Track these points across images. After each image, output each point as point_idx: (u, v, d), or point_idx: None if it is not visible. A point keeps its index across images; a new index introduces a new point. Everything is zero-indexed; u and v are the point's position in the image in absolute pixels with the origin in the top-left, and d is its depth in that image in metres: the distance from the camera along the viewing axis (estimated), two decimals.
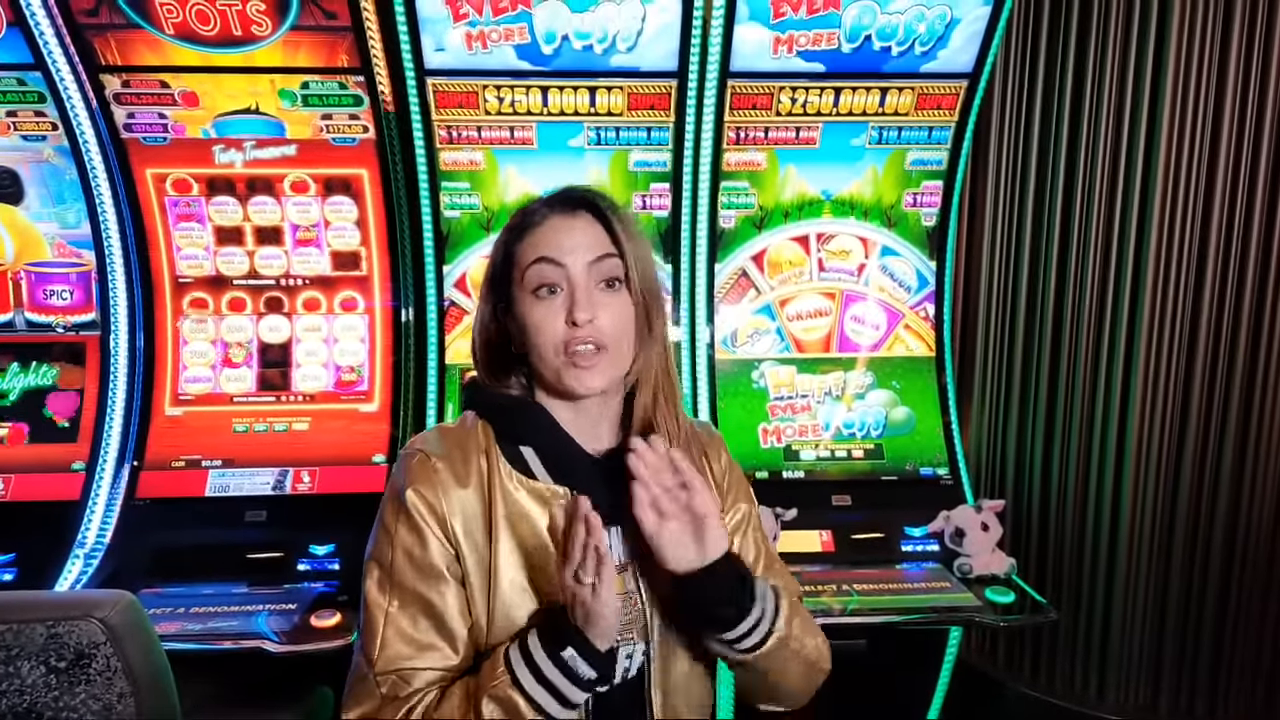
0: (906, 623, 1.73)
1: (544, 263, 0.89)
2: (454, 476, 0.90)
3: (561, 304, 0.89)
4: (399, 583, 0.88)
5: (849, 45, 1.92)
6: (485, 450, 0.92)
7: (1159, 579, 2.27)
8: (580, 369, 0.89)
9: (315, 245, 2.07)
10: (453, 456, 0.91)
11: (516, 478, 0.92)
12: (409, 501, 0.88)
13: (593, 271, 0.90)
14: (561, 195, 0.95)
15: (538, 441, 0.94)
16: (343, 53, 1.87)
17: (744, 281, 2.17)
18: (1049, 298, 2.27)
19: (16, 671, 1.22)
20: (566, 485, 0.92)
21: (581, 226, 0.91)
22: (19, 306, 2.05)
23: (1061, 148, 2.21)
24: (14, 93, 1.90)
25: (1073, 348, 2.27)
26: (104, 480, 1.97)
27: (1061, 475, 2.31)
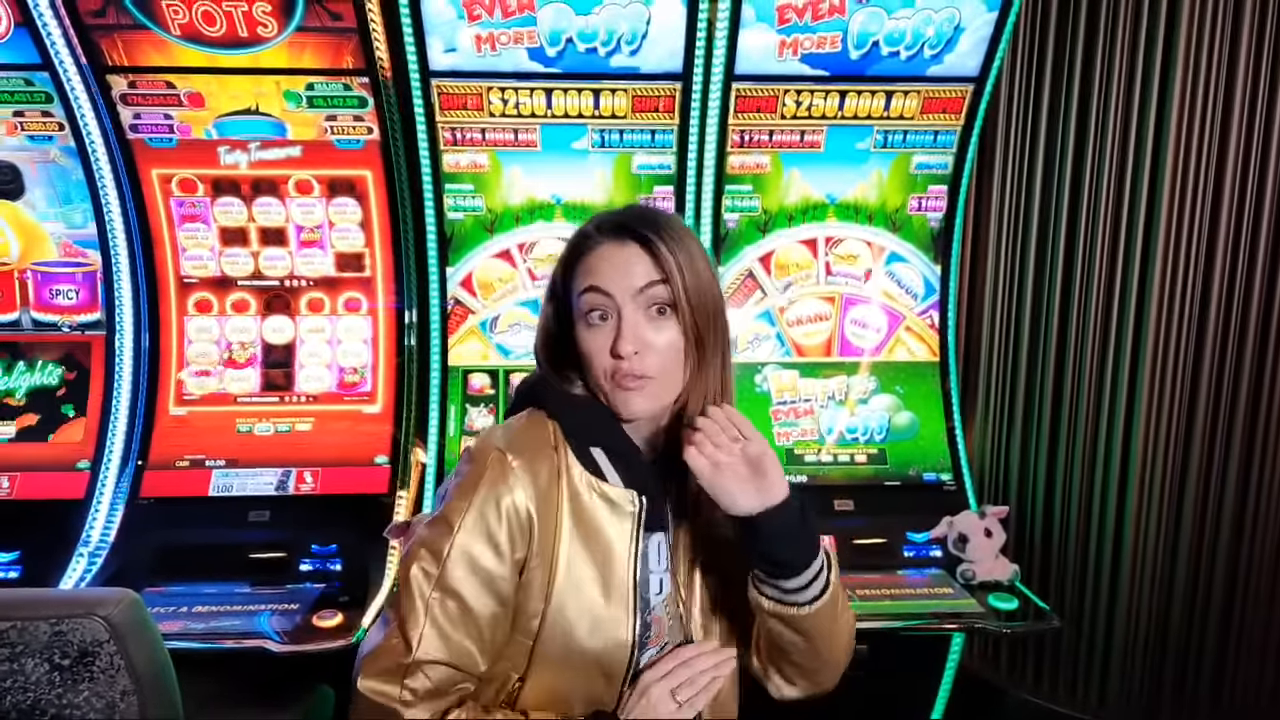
0: (908, 629, 1.72)
1: (592, 292, 0.90)
2: (530, 473, 0.90)
3: (609, 332, 0.90)
4: (448, 577, 0.87)
5: (856, 51, 1.91)
6: (555, 447, 0.94)
7: (1163, 587, 2.26)
8: (625, 392, 0.90)
9: (319, 246, 2.08)
10: (526, 455, 0.91)
11: (586, 478, 0.93)
12: (483, 503, 0.88)
13: (640, 299, 0.90)
14: (615, 220, 0.94)
15: (608, 443, 0.95)
16: (348, 54, 1.87)
17: (750, 283, 2.17)
18: (1054, 303, 2.26)
19: (21, 668, 1.22)
20: (634, 489, 0.94)
21: (630, 255, 0.90)
22: (25, 306, 2.06)
23: (1068, 151, 2.19)
24: (21, 93, 1.91)
25: (1078, 353, 2.25)
26: (108, 479, 1.98)
27: (1066, 481, 2.30)
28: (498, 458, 0.90)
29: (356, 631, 1.65)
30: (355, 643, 1.63)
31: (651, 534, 0.95)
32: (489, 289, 2.12)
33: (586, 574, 0.91)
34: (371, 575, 1.85)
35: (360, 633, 1.66)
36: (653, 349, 0.89)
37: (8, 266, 2.05)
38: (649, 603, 0.96)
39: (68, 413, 2.03)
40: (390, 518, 1.96)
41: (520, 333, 2.13)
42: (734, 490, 0.87)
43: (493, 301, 2.12)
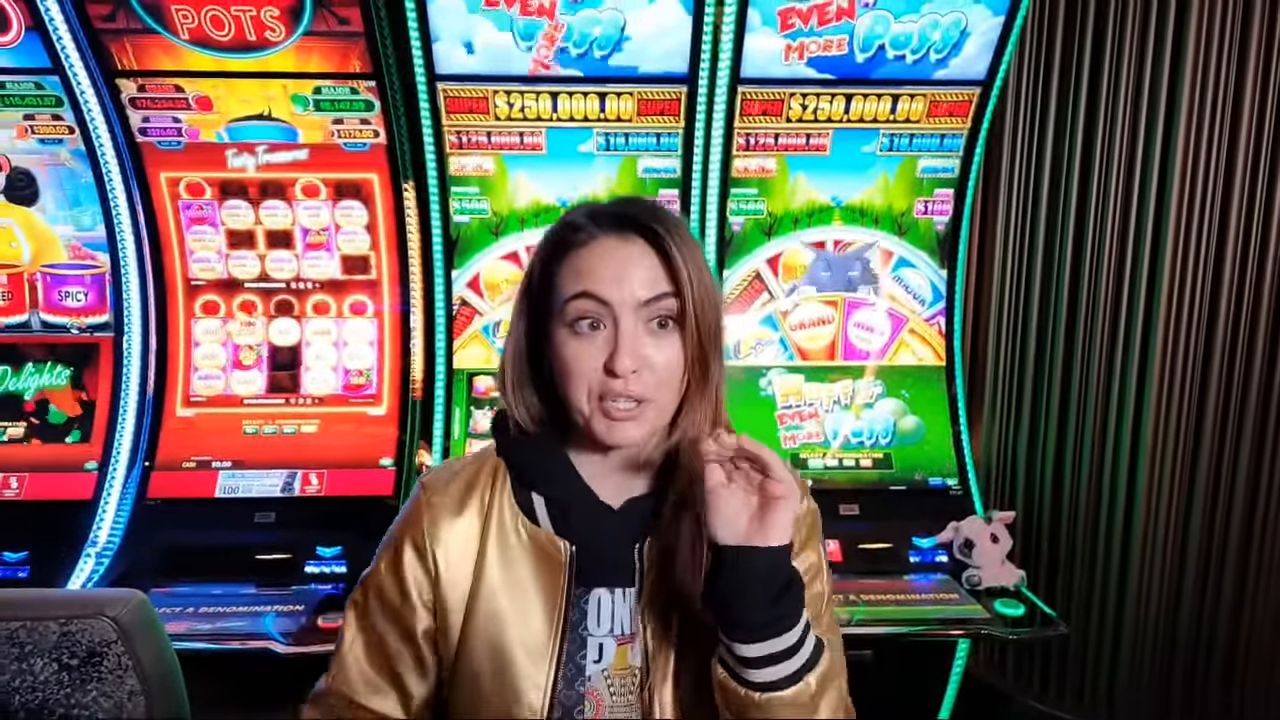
0: (913, 634, 1.72)
1: (586, 298, 0.77)
2: (449, 512, 0.84)
3: (602, 344, 0.77)
4: (367, 614, 0.86)
5: (862, 54, 1.91)
6: (492, 487, 0.86)
7: (1171, 594, 2.24)
8: (614, 421, 0.78)
9: (325, 249, 2.09)
10: (453, 493, 0.85)
11: (520, 521, 0.84)
12: (397, 543, 0.86)
13: (642, 312, 0.77)
14: (614, 211, 0.81)
15: (548, 491, 0.85)
16: (355, 58, 1.88)
17: (756, 285, 2.16)
18: (1062, 307, 2.25)
19: (30, 668, 1.23)
20: (568, 538, 0.83)
21: (635, 256, 0.78)
22: (35, 307, 2.07)
23: (1076, 154, 2.18)
24: (32, 96, 1.93)
25: (1085, 357, 2.24)
26: (116, 480, 1.99)
27: (1073, 487, 2.29)
28: (416, 499, 0.86)
29: None
30: None
31: (592, 590, 0.83)
32: (496, 290, 2.12)
33: (505, 626, 0.81)
34: None
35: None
36: (655, 364, 0.77)
37: (18, 269, 2.06)
38: (582, 670, 0.82)
39: (76, 414, 2.05)
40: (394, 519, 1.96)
41: None
42: (728, 512, 0.73)
43: (499, 303, 2.12)
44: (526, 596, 0.82)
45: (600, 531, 0.83)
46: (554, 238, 0.83)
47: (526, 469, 0.86)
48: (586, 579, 0.83)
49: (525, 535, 0.84)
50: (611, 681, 0.83)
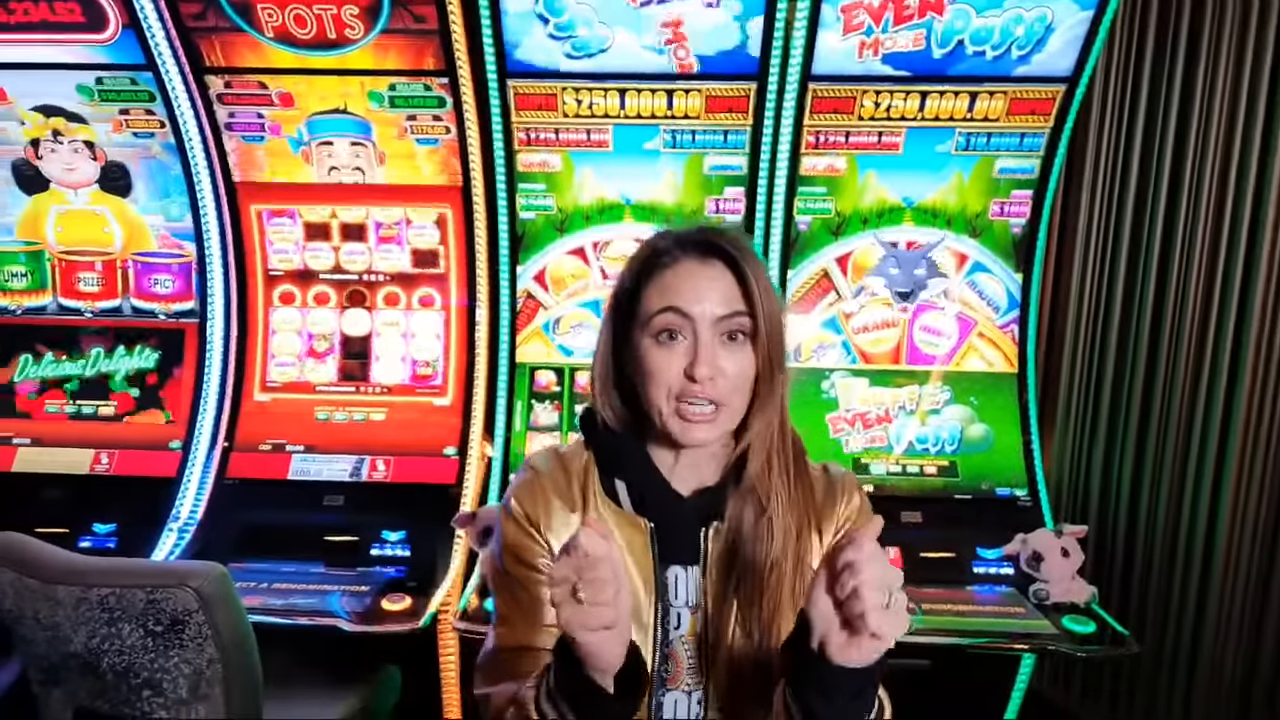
0: (976, 647, 1.67)
1: (671, 312, 0.88)
2: (556, 492, 0.95)
3: (682, 352, 0.88)
4: (508, 573, 0.95)
5: (940, 50, 1.86)
6: (585, 474, 0.97)
7: (1254, 617, 2.13)
8: (689, 423, 0.88)
9: (396, 243, 2.14)
10: (556, 476, 0.97)
11: (609, 505, 0.96)
12: (511, 507, 0.96)
13: (719, 326, 0.88)
14: (696, 237, 0.92)
15: (628, 477, 0.96)
16: (429, 55, 1.92)
17: (823, 284, 2.13)
18: (1145, 315, 2.15)
19: (118, 633, 1.31)
20: (647, 518, 0.94)
21: (713, 277, 0.89)
22: (126, 293, 2.19)
23: (1166, 157, 2.08)
24: (127, 92, 2.03)
25: (1170, 368, 2.14)
26: (197, 459, 2.09)
27: (1151, 503, 2.19)
28: (531, 475, 0.97)
29: (424, 616, 1.70)
30: (422, 627, 1.69)
31: (670, 565, 0.94)
32: (561, 284, 2.14)
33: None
34: (438, 562, 1.90)
35: (427, 617, 1.71)
36: (728, 371, 0.88)
37: (111, 256, 2.18)
38: (667, 634, 0.93)
39: (162, 395, 2.15)
40: (457, 508, 2.00)
41: (582, 333, 2.15)
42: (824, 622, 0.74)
43: (564, 297, 2.14)
44: (627, 568, 0.91)
45: (673, 515, 0.93)
46: (642, 257, 0.93)
47: (611, 458, 0.97)
48: (664, 556, 0.94)
49: (613, 519, 0.94)
50: (687, 646, 0.94)
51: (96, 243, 2.17)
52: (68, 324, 2.19)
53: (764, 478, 0.92)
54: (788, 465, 0.94)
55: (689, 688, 0.94)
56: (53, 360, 2.18)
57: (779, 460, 0.93)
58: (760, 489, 0.92)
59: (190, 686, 1.34)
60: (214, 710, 1.36)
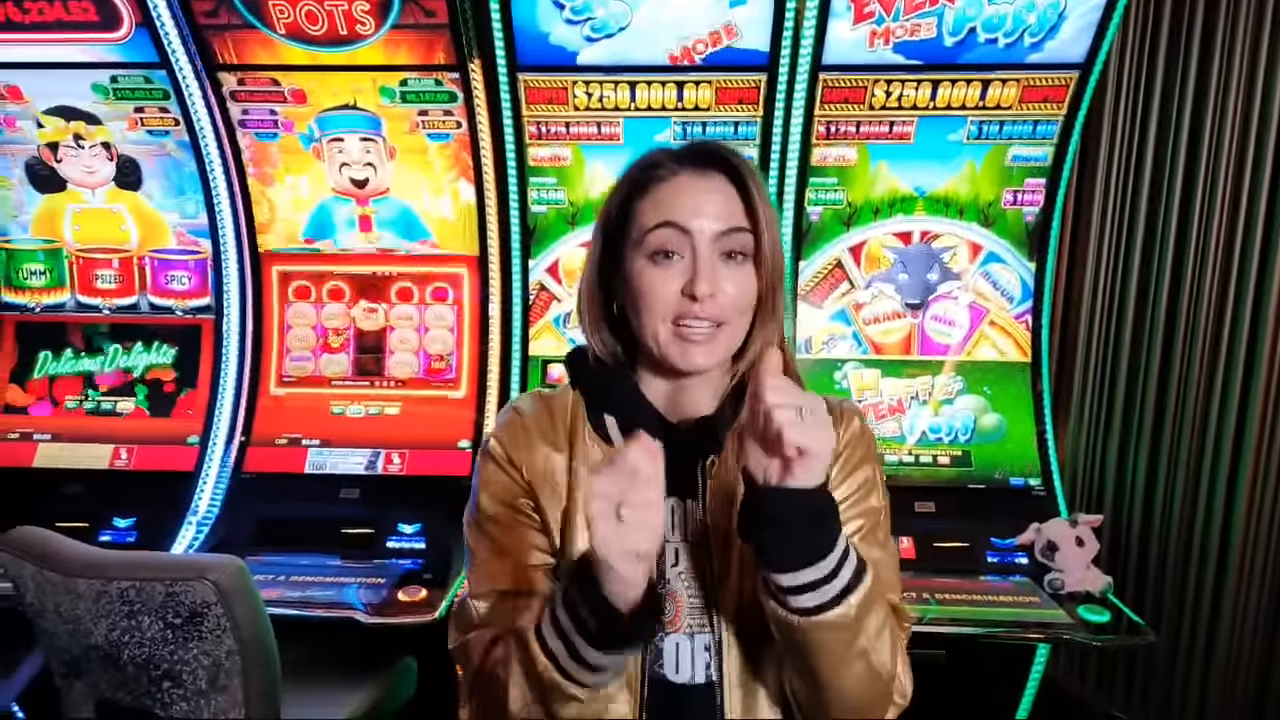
0: (990, 636, 1.67)
1: (668, 228, 0.82)
2: (540, 433, 0.91)
3: (679, 272, 0.82)
4: (483, 518, 0.90)
5: (951, 39, 1.85)
6: (572, 414, 0.93)
7: (1271, 607, 2.12)
8: (688, 344, 0.83)
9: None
10: (540, 417, 0.92)
11: (598, 442, 0.91)
12: (491, 447, 0.92)
13: (719, 243, 0.82)
14: (694, 149, 0.86)
15: (617, 413, 0.91)
16: (439, 50, 1.92)
17: (836, 274, 2.13)
18: (1161, 303, 2.14)
19: (138, 625, 1.33)
20: None
21: (712, 189, 0.83)
22: (143, 290, 2.21)
23: (1181, 144, 2.06)
24: (141, 90, 2.04)
25: (1185, 357, 2.13)
26: (215, 454, 2.11)
27: (1167, 492, 2.18)
28: (512, 416, 0.93)
29: (439, 608, 1.71)
30: (438, 619, 1.69)
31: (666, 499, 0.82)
32: (574, 276, 2.15)
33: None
34: (454, 554, 1.91)
35: (443, 609, 1.72)
36: (730, 290, 0.82)
37: (128, 253, 2.20)
38: (663, 573, 0.87)
39: (180, 391, 2.18)
40: None
41: None
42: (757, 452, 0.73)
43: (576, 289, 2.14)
44: None
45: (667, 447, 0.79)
46: (632, 176, 0.87)
47: (600, 393, 0.93)
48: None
49: (603, 453, 0.90)
50: (687, 583, 0.88)
51: (114, 240, 2.20)
52: (86, 321, 2.22)
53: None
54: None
55: (691, 630, 0.87)
56: (72, 357, 2.20)
57: None
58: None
59: (209, 678, 1.36)
60: (232, 701, 1.37)
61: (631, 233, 0.85)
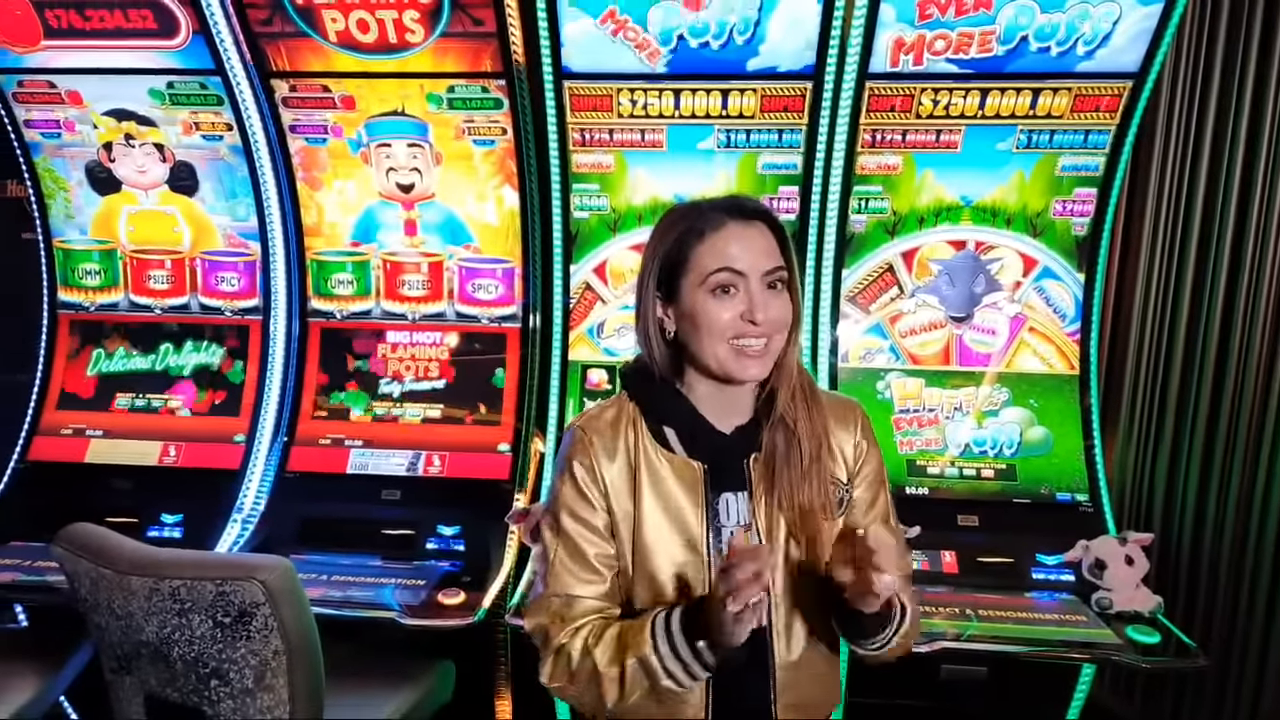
0: (1035, 654, 1.64)
1: (726, 271, 1.01)
2: (604, 449, 1.08)
3: (737, 303, 1.02)
4: (564, 531, 1.08)
5: (1002, 47, 1.82)
6: (633, 425, 1.09)
7: None
8: (746, 359, 1.02)
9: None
10: (605, 433, 1.09)
11: (659, 450, 1.08)
12: (573, 470, 1.09)
13: (765, 278, 1.02)
14: (736, 205, 1.05)
15: (675, 422, 1.09)
16: (486, 58, 1.94)
17: (887, 278, 2.11)
18: (1215, 317, 2.08)
19: (188, 623, 1.35)
20: (698, 459, 1.08)
21: (756, 236, 1.03)
22: (194, 290, 2.26)
23: (1237, 155, 2.01)
24: (197, 96, 2.09)
25: (1240, 372, 2.07)
26: (260, 453, 2.15)
27: (1219, 510, 2.12)
28: (579, 435, 1.10)
29: (478, 611, 1.72)
30: (477, 621, 1.71)
31: (721, 493, 1.08)
32: (621, 278, 2.15)
33: (664, 531, 1.07)
34: (492, 557, 1.92)
35: (481, 612, 1.72)
36: (773, 317, 1.02)
37: (180, 255, 2.25)
38: (721, 553, 1.07)
39: (227, 390, 2.21)
40: (510, 503, 2.03)
41: (626, 335, 2.16)
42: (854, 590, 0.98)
43: (623, 291, 2.15)
44: (681, 507, 1.07)
45: (719, 451, 1.08)
46: (689, 226, 1.05)
47: (657, 408, 1.10)
48: (716, 486, 1.08)
49: (666, 462, 1.08)
50: None
51: (166, 242, 2.25)
52: (138, 320, 2.27)
53: (791, 406, 1.07)
54: (806, 395, 1.09)
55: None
56: (124, 355, 2.26)
57: (800, 389, 1.08)
58: (789, 417, 1.07)
59: (256, 677, 1.37)
60: (277, 701, 1.39)
61: (691, 275, 1.03)
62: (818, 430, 1.08)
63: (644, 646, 0.98)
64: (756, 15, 1.84)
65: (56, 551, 1.40)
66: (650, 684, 0.99)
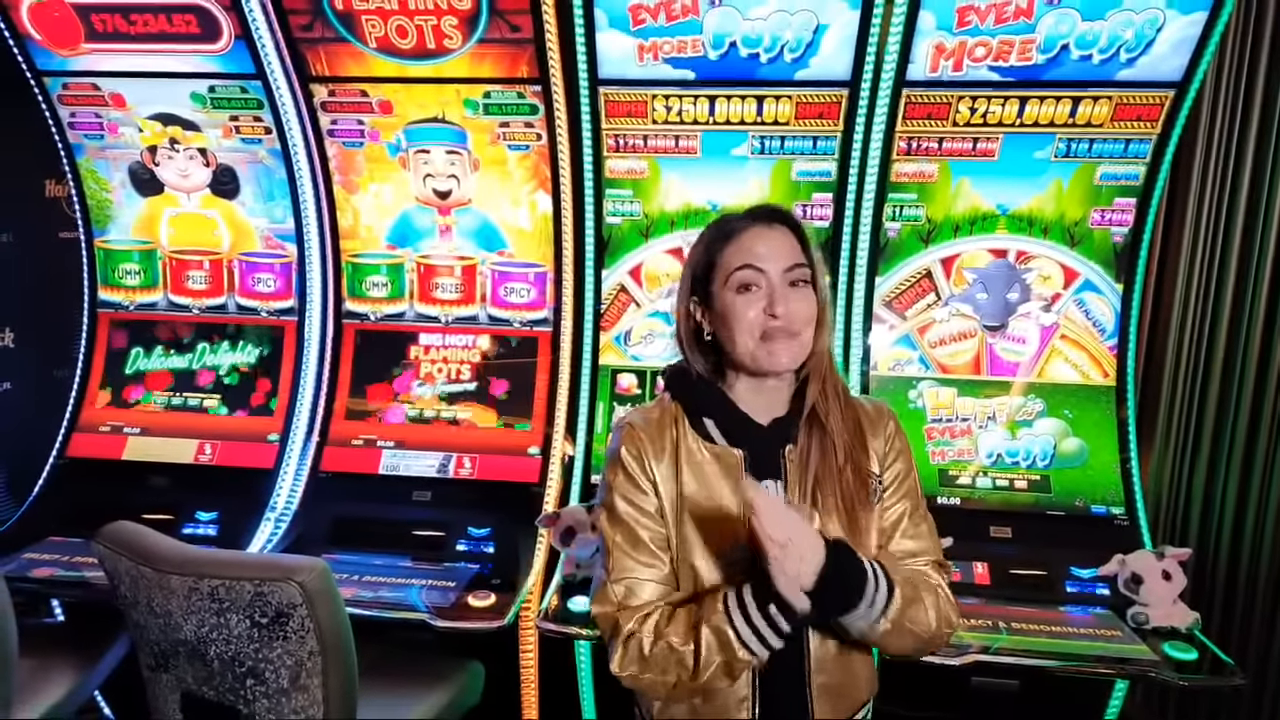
0: (1068, 669, 1.62)
1: (748, 269, 1.07)
2: (650, 441, 1.14)
3: (760, 299, 1.08)
4: (619, 518, 1.13)
5: (1042, 55, 1.81)
6: (675, 422, 1.15)
7: None
8: (773, 349, 1.07)
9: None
10: (650, 428, 1.15)
11: (701, 442, 1.13)
12: (623, 458, 1.13)
13: (787, 275, 1.08)
14: (760, 211, 1.13)
15: (715, 414, 1.14)
16: (523, 64, 1.95)
17: (925, 284, 2.10)
18: (1255, 330, 2.05)
19: (226, 623, 1.36)
20: (738, 446, 1.12)
21: (778, 237, 1.10)
22: (231, 291, 2.29)
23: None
24: (237, 99, 2.12)
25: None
26: (293, 452, 2.17)
27: (1258, 525, 2.09)
28: (629, 429, 1.15)
29: (508, 614, 1.72)
30: (508, 624, 1.71)
31: (761, 480, 1.11)
32: (655, 281, 2.15)
33: (708, 516, 1.11)
34: (522, 560, 1.93)
35: (511, 615, 1.73)
36: (798, 308, 1.07)
37: (219, 256, 2.28)
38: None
39: (263, 389, 2.24)
40: (540, 506, 2.04)
41: (653, 342, 2.17)
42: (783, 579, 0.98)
43: (657, 295, 2.15)
44: (722, 494, 1.12)
45: (757, 442, 1.13)
46: (716, 234, 1.13)
47: (698, 402, 1.15)
48: (755, 473, 1.12)
49: (708, 454, 1.13)
50: None
51: (206, 244, 2.28)
52: (176, 319, 2.31)
53: (822, 400, 1.12)
54: (838, 391, 1.14)
55: None
56: (162, 354, 2.29)
57: (830, 386, 1.13)
58: (820, 410, 1.11)
59: (291, 677, 1.38)
60: (311, 701, 1.39)
61: (718, 274, 1.10)
62: (849, 425, 1.13)
63: (718, 618, 1.02)
64: (811, 36, 1.85)
65: (97, 549, 1.42)
66: (725, 657, 1.02)
